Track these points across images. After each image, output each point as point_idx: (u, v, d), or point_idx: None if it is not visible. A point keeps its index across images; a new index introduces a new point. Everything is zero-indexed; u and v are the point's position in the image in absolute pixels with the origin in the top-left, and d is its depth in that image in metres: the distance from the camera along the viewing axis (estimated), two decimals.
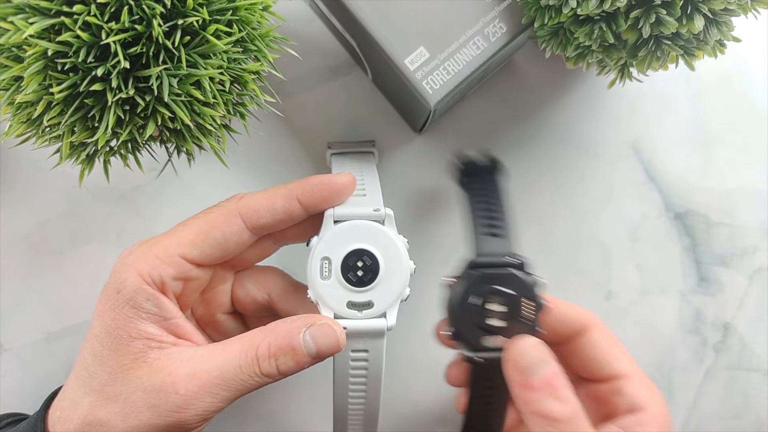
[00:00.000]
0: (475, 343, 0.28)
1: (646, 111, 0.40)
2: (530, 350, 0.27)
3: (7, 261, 0.38)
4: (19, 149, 0.37)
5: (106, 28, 0.23)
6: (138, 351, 0.25)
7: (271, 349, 0.25)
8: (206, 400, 0.25)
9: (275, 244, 0.31)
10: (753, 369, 0.38)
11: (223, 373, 0.25)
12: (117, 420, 0.25)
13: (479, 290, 0.28)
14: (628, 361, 0.30)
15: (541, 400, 0.26)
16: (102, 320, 0.26)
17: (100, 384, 0.25)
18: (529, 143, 0.39)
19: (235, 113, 0.28)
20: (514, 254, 0.29)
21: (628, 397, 0.29)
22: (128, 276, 0.26)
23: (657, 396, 0.29)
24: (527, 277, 0.28)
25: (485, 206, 0.31)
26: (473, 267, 0.28)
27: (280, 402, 0.38)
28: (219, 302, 0.31)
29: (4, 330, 0.37)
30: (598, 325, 0.31)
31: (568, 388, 0.26)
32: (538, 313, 0.28)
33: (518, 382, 0.26)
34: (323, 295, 0.28)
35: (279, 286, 0.32)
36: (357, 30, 0.31)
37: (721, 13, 0.27)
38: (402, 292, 0.28)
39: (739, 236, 0.39)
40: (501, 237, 0.30)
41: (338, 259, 0.28)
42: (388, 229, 0.29)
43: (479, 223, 0.31)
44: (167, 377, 0.25)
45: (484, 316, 0.28)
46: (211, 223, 0.28)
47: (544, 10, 0.29)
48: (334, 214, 0.29)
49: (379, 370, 0.29)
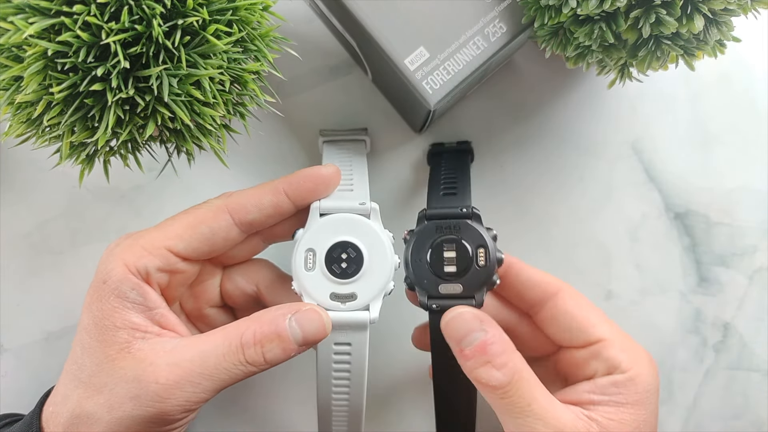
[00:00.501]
0: (432, 291, 0.28)
1: (646, 111, 0.40)
2: (463, 319, 0.27)
3: (7, 261, 0.38)
4: (19, 149, 0.37)
5: (106, 28, 0.23)
6: (123, 341, 0.26)
7: (256, 337, 0.26)
8: (187, 390, 0.25)
9: (264, 242, 0.32)
10: (753, 369, 0.38)
11: (205, 361, 0.25)
12: (102, 412, 0.25)
13: (432, 239, 0.29)
14: (605, 324, 0.29)
15: (476, 368, 0.26)
16: (90, 311, 0.26)
17: (88, 375, 0.26)
18: (529, 143, 0.39)
19: (235, 113, 0.28)
20: (468, 206, 0.29)
21: (606, 360, 0.28)
22: (114, 266, 0.26)
23: (640, 357, 0.28)
24: (481, 228, 0.29)
25: (444, 173, 0.33)
26: (427, 219, 0.29)
27: (272, 402, 0.38)
28: (208, 296, 0.32)
29: (4, 330, 0.37)
30: (566, 291, 0.30)
31: (508, 353, 0.26)
32: (494, 263, 0.28)
33: (455, 351, 0.27)
34: (307, 286, 0.28)
35: (267, 278, 0.32)
36: (357, 30, 0.31)
37: (721, 13, 0.27)
38: (386, 286, 0.28)
39: (739, 236, 0.39)
40: (455, 195, 0.31)
41: (323, 251, 0.28)
42: (373, 222, 0.29)
43: (435, 185, 0.32)
44: (148, 367, 0.25)
45: (440, 265, 0.28)
46: (199, 218, 0.28)
47: (544, 10, 0.29)
48: (320, 207, 0.29)
49: (363, 365, 0.29)
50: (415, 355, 0.37)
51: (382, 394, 0.38)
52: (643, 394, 0.27)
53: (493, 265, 0.29)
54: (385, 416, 0.38)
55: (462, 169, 0.34)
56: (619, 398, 0.27)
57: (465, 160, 0.36)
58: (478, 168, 0.39)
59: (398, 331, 0.37)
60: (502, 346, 0.26)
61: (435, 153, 0.38)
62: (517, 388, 0.25)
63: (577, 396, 0.28)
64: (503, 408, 0.26)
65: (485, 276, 0.28)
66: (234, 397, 0.38)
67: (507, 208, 0.39)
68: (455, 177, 0.33)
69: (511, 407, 0.25)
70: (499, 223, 0.39)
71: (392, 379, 0.38)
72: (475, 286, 0.28)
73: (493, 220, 0.38)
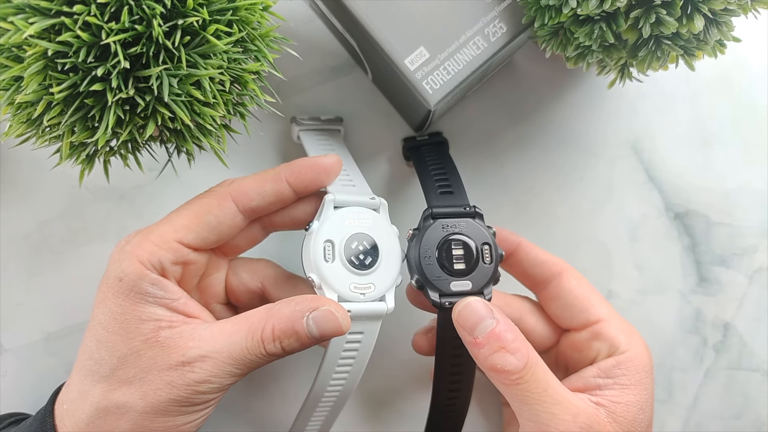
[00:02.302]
0: (444, 289, 0.29)
1: (646, 111, 0.40)
2: (474, 308, 0.27)
3: (7, 261, 0.38)
4: (19, 149, 0.37)
5: (106, 28, 0.23)
6: (149, 332, 0.26)
7: (275, 333, 0.26)
8: (219, 377, 0.26)
9: (264, 231, 0.32)
10: (753, 369, 0.38)
11: (231, 353, 0.26)
12: (135, 399, 0.25)
13: (439, 237, 0.29)
14: (603, 306, 0.31)
15: (491, 354, 0.26)
16: (106, 307, 0.27)
17: (110, 370, 0.26)
18: (529, 143, 0.39)
19: (235, 113, 0.28)
20: (470, 205, 0.30)
21: (607, 340, 0.30)
22: (129, 264, 0.27)
23: (636, 338, 0.30)
24: (483, 226, 0.30)
25: (432, 169, 0.34)
26: (433, 218, 0.30)
27: (272, 402, 0.38)
28: (213, 291, 0.32)
29: (4, 330, 0.37)
30: (570, 272, 0.32)
31: (519, 339, 0.26)
32: (497, 259, 0.29)
33: (468, 341, 0.27)
34: (328, 277, 0.28)
35: (272, 276, 0.32)
36: (357, 30, 0.31)
37: (721, 13, 0.27)
38: (397, 277, 0.29)
39: (739, 236, 0.39)
40: (452, 193, 0.31)
41: (341, 243, 0.29)
42: (383, 216, 0.30)
43: (429, 183, 0.32)
44: (180, 357, 0.25)
45: (450, 263, 0.29)
46: (204, 207, 0.29)
47: (544, 10, 0.29)
48: (335, 201, 0.30)
49: (367, 354, 0.29)
50: (415, 356, 0.37)
51: (382, 394, 0.38)
52: (643, 374, 0.28)
53: (497, 261, 0.29)
54: (385, 416, 0.38)
55: (449, 164, 0.34)
56: (623, 380, 0.28)
57: (447, 154, 0.36)
58: (478, 168, 0.39)
59: (398, 331, 0.37)
60: (513, 333, 0.26)
61: (413, 147, 0.38)
62: (533, 373, 0.26)
63: (583, 382, 0.29)
64: (519, 395, 0.26)
65: (491, 272, 0.29)
66: (234, 397, 0.38)
67: (507, 208, 0.39)
68: (445, 173, 0.33)
69: (528, 393, 0.26)
70: (499, 223, 0.39)
71: (392, 379, 0.38)
72: (483, 282, 0.29)
73: (493, 219, 0.38)
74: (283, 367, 0.39)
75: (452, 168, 0.34)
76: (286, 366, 0.39)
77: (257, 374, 0.38)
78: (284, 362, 0.38)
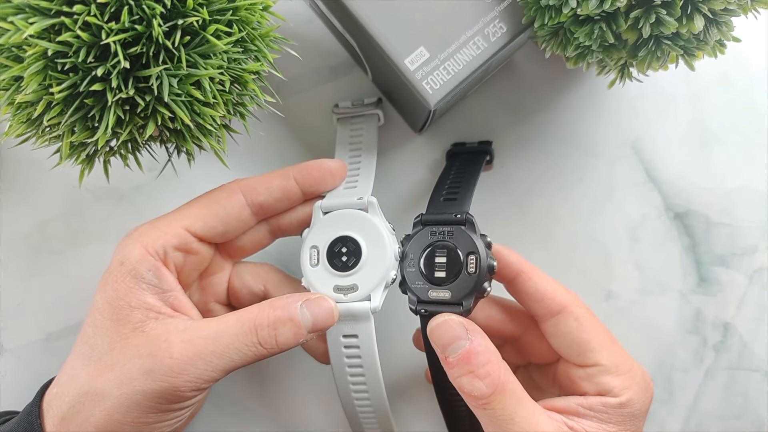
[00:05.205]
0: (422, 296, 0.29)
1: (646, 111, 0.39)
2: (448, 326, 0.27)
3: (7, 261, 0.38)
4: (19, 149, 0.37)
5: (106, 28, 0.23)
6: (137, 321, 0.26)
7: (269, 319, 0.26)
8: (199, 367, 0.25)
9: (270, 233, 0.33)
10: (753, 369, 0.38)
11: (218, 340, 0.26)
12: (112, 387, 0.25)
13: (425, 243, 0.29)
14: (604, 350, 0.29)
15: (459, 377, 0.26)
16: (104, 292, 0.27)
17: (99, 354, 0.26)
18: (529, 143, 0.39)
19: (235, 113, 0.28)
20: (462, 212, 0.29)
21: (599, 385, 0.28)
22: (132, 249, 0.27)
23: (634, 381, 0.28)
24: (474, 234, 0.29)
25: (452, 177, 0.33)
26: (423, 224, 0.30)
27: (272, 402, 0.38)
28: (215, 289, 0.32)
29: (4, 330, 0.37)
30: (569, 310, 0.29)
31: (492, 363, 0.26)
32: (484, 271, 0.28)
33: (441, 358, 0.27)
34: (312, 280, 0.30)
35: (275, 279, 0.33)
36: (357, 30, 0.31)
37: (721, 13, 0.27)
38: (386, 275, 0.29)
39: (739, 236, 0.39)
40: (454, 200, 0.31)
41: (324, 247, 0.30)
42: (372, 215, 0.30)
43: (438, 190, 0.32)
44: (162, 343, 0.25)
45: (431, 270, 0.29)
46: (213, 198, 0.30)
47: (544, 10, 0.29)
48: (321, 206, 0.31)
49: (373, 356, 0.29)
50: (415, 355, 0.37)
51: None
52: (629, 417, 0.28)
53: (483, 273, 0.28)
54: None
55: (471, 175, 0.34)
56: (604, 417, 0.27)
57: (477, 166, 0.35)
58: None
59: (397, 331, 0.37)
60: (486, 356, 0.26)
61: (453, 154, 0.38)
62: (500, 400, 0.25)
63: (565, 404, 0.28)
64: (486, 418, 0.26)
65: (474, 283, 0.28)
66: (235, 397, 0.38)
67: (507, 208, 0.39)
68: (460, 182, 0.33)
69: (494, 418, 0.25)
70: (499, 223, 0.39)
71: (392, 379, 0.38)
72: (463, 293, 0.28)
73: (493, 220, 0.38)
74: (283, 367, 0.39)
75: (471, 178, 0.33)
76: (286, 366, 0.39)
77: (257, 374, 0.38)
78: (283, 362, 0.38)
